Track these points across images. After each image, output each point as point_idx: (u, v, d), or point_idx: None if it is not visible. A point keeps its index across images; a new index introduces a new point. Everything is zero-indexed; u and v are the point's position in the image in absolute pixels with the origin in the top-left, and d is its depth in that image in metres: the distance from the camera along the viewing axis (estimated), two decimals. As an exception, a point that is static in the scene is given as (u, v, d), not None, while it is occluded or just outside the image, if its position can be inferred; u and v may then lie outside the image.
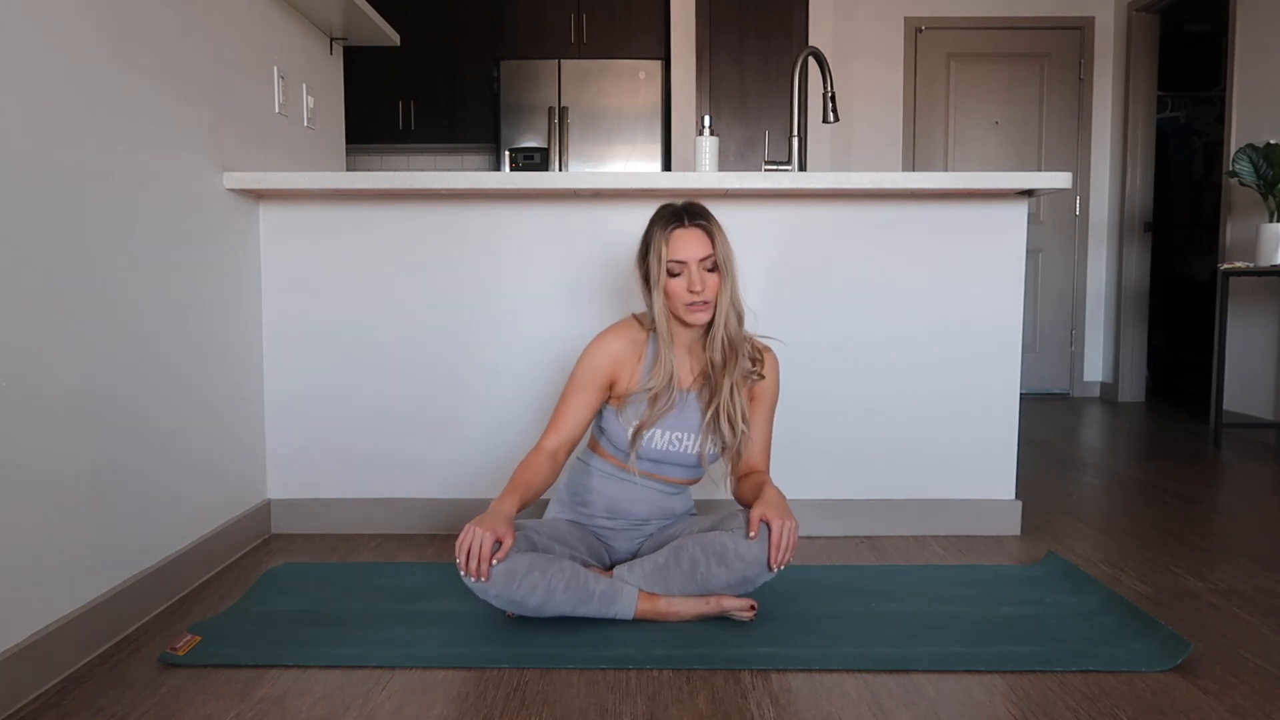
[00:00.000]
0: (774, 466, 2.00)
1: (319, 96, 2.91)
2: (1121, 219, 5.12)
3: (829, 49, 4.76)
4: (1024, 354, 2.52)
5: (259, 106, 2.43)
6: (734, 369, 1.84)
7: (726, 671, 1.56)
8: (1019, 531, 2.44)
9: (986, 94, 5.17)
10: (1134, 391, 5.14)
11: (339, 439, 2.43)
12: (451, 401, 2.43)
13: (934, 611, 1.85)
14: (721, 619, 1.76)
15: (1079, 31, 5.14)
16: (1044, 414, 4.60)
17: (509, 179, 2.29)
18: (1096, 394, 5.31)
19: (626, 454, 1.86)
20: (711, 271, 1.80)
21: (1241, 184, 3.80)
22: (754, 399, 1.93)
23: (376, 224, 2.40)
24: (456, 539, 1.62)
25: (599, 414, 1.91)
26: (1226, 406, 4.05)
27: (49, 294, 1.55)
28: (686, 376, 1.89)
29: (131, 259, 1.80)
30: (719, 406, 1.83)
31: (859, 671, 1.57)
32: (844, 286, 2.40)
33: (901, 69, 5.14)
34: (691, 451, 1.87)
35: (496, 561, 1.62)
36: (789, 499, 1.83)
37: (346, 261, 2.40)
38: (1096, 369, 5.31)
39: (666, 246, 1.80)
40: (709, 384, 1.86)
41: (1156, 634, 1.69)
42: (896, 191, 2.35)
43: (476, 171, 3.43)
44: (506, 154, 4.96)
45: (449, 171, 3.30)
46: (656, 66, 4.93)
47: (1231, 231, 4.26)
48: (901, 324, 2.41)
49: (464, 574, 1.63)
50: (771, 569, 1.72)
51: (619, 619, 1.73)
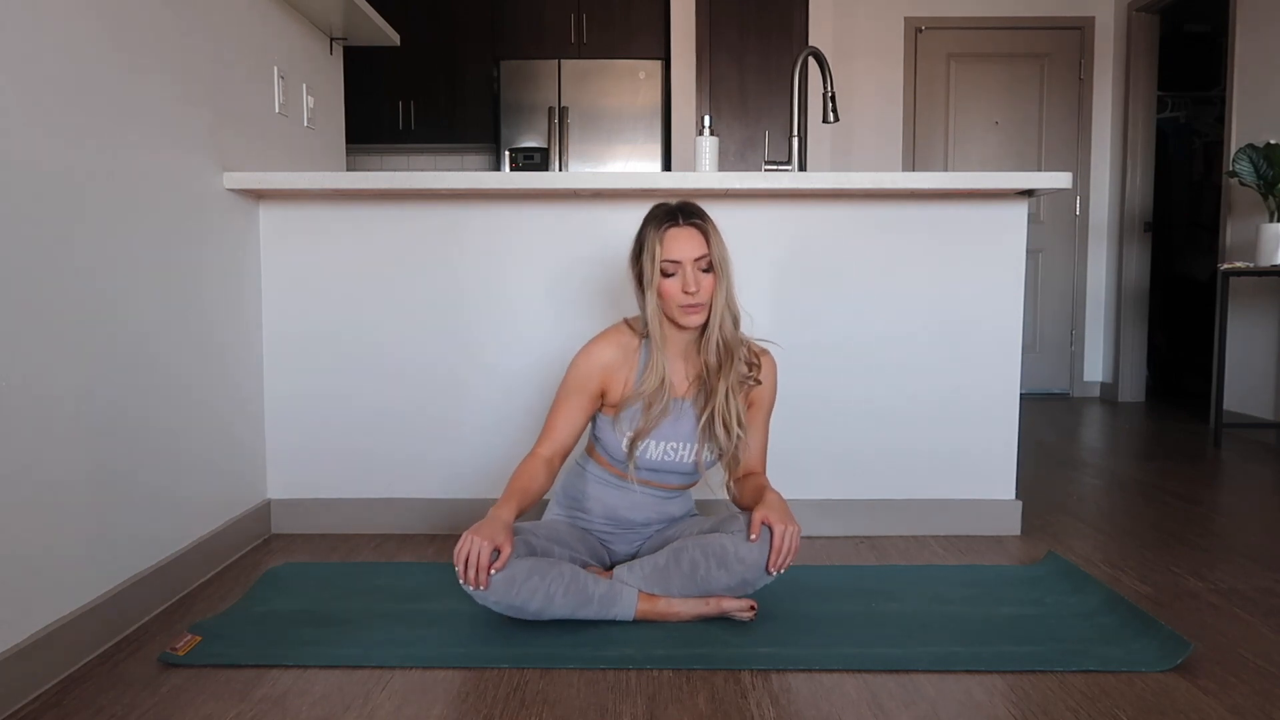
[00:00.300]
0: (774, 466, 2.00)
1: (319, 96, 2.91)
2: (1121, 219, 5.12)
3: (829, 49, 4.76)
4: (1024, 354, 2.52)
5: (259, 106, 2.43)
6: (729, 372, 1.81)
7: (726, 671, 1.56)
8: (1019, 531, 2.44)
9: (986, 94, 5.17)
10: (1134, 391, 5.14)
11: (339, 439, 2.43)
12: (451, 401, 2.43)
13: (934, 611, 1.85)
14: (721, 619, 1.76)
15: (1079, 31, 5.14)
16: (1044, 414, 4.60)
17: (509, 179, 2.29)
18: (1096, 394, 5.31)
19: (623, 464, 1.84)
20: (706, 272, 1.77)
21: (1241, 184, 3.80)
22: (751, 404, 1.90)
23: (376, 224, 2.40)
24: (455, 546, 1.62)
25: (594, 423, 1.90)
26: (1226, 406, 4.05)
27: (48, 294, 1.55)
28: (681, 383, 1.86)
29: (131, 259, 1.80)
30: (714, 411, 1.80)
31: (859, 671, 1.57)
32: (844, 286, 2.40)
33: (901, 69, 5.14)
34: (688, 460, 1.85)
35: (495, 571, 1.62)
36: (789, 499, 1.83)
37: (346, 261, 2.40)
38: (1096, 369, 5.31)
39: (660, 246, 1.76)
40: (704, 389, 1.84)
41: (1156, 634, 1.69)
42: (897, 191, 2.35)
43: (476, 171, 3.43)
44: (506, 154, 4.96)
45: (449, 171, 3.30)
46: (656, 66, 4.93)
47: (1231, 231, 4.26)
48: (902, 324, 2.41)
49: (463, 582, 1.62)
50: (770, 573, 1.72)
51: (619, 620, 1.73)
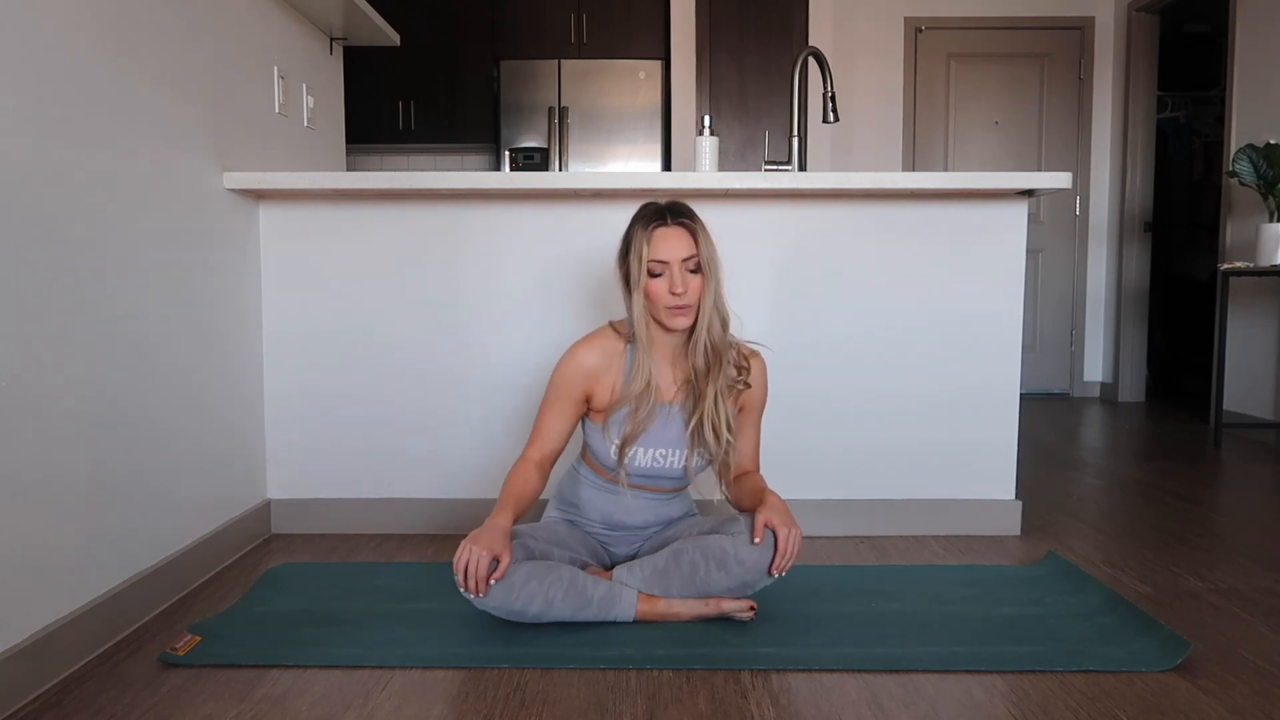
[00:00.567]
0: (774, 466, 2.00)
1: (319, 96, 2.91)
2: (1121, 219, 5.12)
3: (829, 49, 4.76)
4: (1024, 354, 2.52)
5: (259, 106, 2.43)
6: (718, 376, 1.78)
7: (726, 671, 1.56)
8: (1019, 531, 2.44)
9: (986, 94, 5.17)
10: (1134, 391, 5.14)
11: (339, 439, 2.43)
12: (451, 401, 2.43)
13: (934, 611, 1.85)
14: (721, 619, 1.76)
15: (1079, 31, 5.14)
16: (1044, 414, 4.60)
17: (509, 179, 2.29)
18: (1096, 394, 5.31)
19: (615, 470, 1.83)
20: (695, 273, 1.73)
21: (1241, 184, 3.80)
22: (742, 408, 1.88)
23: (376, 224, 2.40)
24: (454, 555, 1.61)
25: (584, 429, 1.89)
26: (1226, 406, 4.05)
27: (46, 295, 1.55)
28: (669, 388, 1.83)
29: (131, 260, 1.80)
30: (703, 416, 1.78)
31: (859, 671, 1.57)
32: (844, 287, 2.40)
33: (901, 69, 5.14)
34: (678, 466, 1.84)
35: (495, 580, 1.62)
36: (789, 499, 1.83)
37: (347, 261, 2.40)
38: (1096, 369, 5.31)
39: (648, 245, 1.73)
40: (692, 393, 1.81)
41: (1156, 634, 1.69)
42: (896, 191, 2.35)
43: (476, 171, 3.43)
44: (506, 154, 4.96)
45: (449, 171, 3.30)
46: (656, 66, 4.93)
47: (1231, 231, 4.26)
48: (901, 324, 2.41)
49: (463, 591, 1.62)
50: (773, 575, 1.72)
51: (619, 622, 1.73)
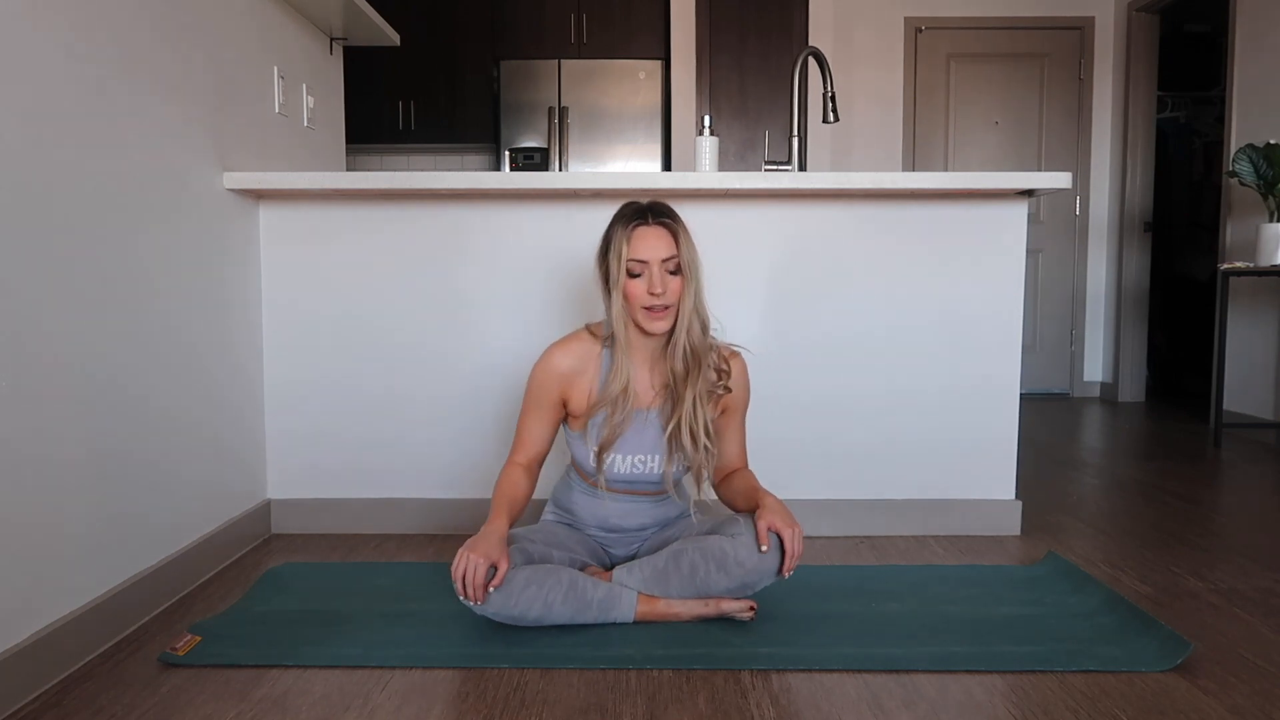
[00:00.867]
0: (776, 466, 2.00)
1: (319, 96, 2.91)
2: (1121, 219, 5.12)
3: (829, 49, 4.76)
4: (1024, 354, 2.52)
5: (259, 106, 2.43)
6: (697, 380, 1.76)
7: (726, 671, 1.56)
8: (1019, 531, 2.44)
9: (986, 94, 5.17)
10: (1134, 391, 5.14)
11: (339, 439, 2.43)
12: (452, 402, 2.43)
13: (934, 611, 1.85)
14: (721, 619, 1.76)
15: (1079, 31, 5.14)
16: (1044, 414, 4.60)
17: (509, 179, 2.29)
18: (1096, 394, 5.31)
19: (596, 476, 1.83)
20: (674, 274, 1.72)
21: (1241, 184, 3.80)
22: (725, 410, 1.87)
23: (377, 224, 2.40)
24: (452, 564, 1.61)
25: (565, 435, 1.88)
26: (1226, 406, 4.05)
27: (45, 295, 1.55)
28: (646, 392, 1.81)
29: (130, 261, 1.80)
30: (680, 421, 1.75)
31: (859, 671, 1.57)
32: (844, 287, 2.40)
33: (901, 69, 5.14)
34: (657, 472, 1.82)
35: (493, 588, 1.61)
36: (789, 499, 1.83)
37: (347, 262, 2.40)
38: (1096, 369, 5.31)
39: (627, 245, 1.71)
40: (671, 398, 1.79)
41: (1156, 634, 1.69)
42: (896, 191, 2.35)
43: (476, 171, 3.43)
44: (506, 154, 4.96)
45: (449, 171, 3.30)
46: (656, 66, 4.93)
47: (1231, 231, 4.26)
48: (901, 324, 2.41)
49: (461, 598, 1.62)
50: (783, 576, 1.71)
51: (619, 623, 1.73)
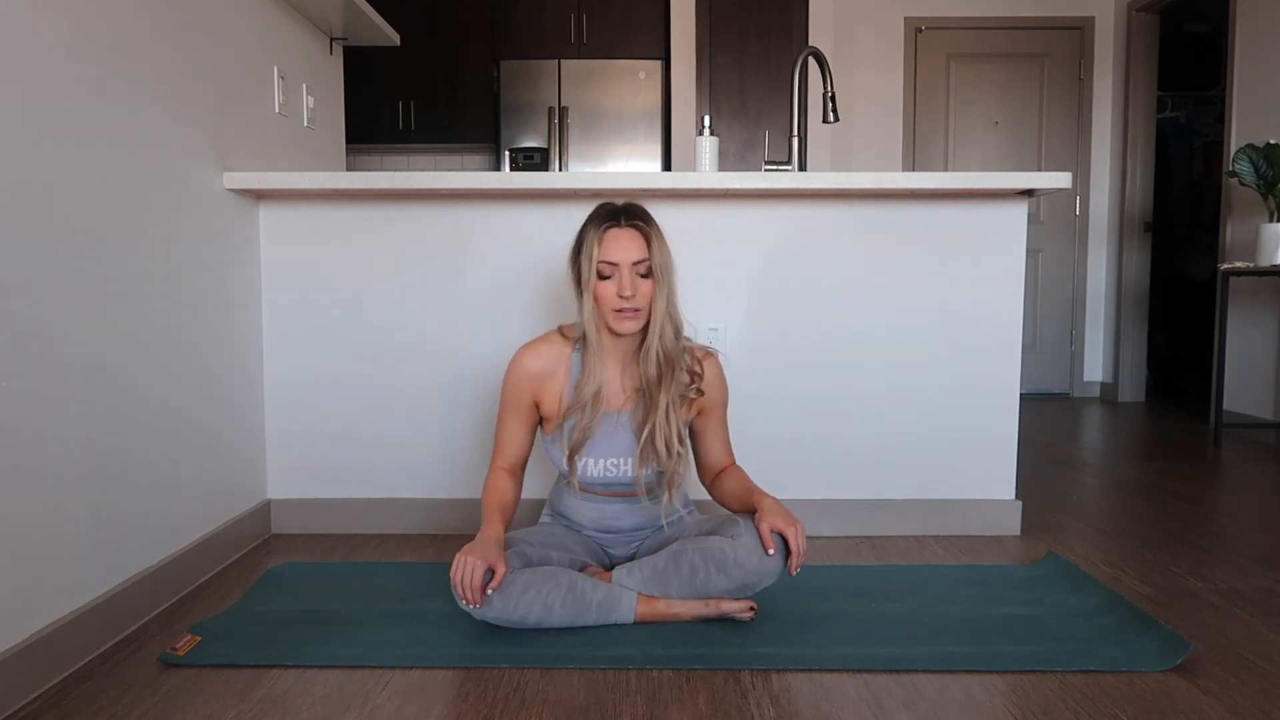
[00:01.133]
0: (776, 466, 2.00)
1: (319, 96, 2.91)
2: (1121, 219, 5.12)
3: (829, 49, 4.76)
4: (1024, 354, 2.52)
5: (259, 106, 2.43)
6: (670, 385, 1.74)
7: (726, 671, 1.56)
8: (1019, 531, 2.44)
9: (986, 94, 5.17)
10: (1134, 391, 5.14)
11: (339, 439, 2.43)
12: (452, 402, 2.43)
13: (934, 611, 1.85)
14: (721, 619, 1.76)
15: (1079, 31, 5.14)
16: (1044, 414, 4.60)
17: (509, 179, 2.29)
18: (1096, 394, 5.31)
19: (569, 479, 1.82)
20: (645, 277, 1.71)
21: (1241, 184, 3.80)
22: (702, 411, 1.86)
23: (376, 224, 2.40)
24: (450, 569, 1.61)
25: (542, 440, 1.87)
26: (1226, 406, 4.05)
27: (43, 295, 1.55)
28: (617, 395, 1.80)
29: (131, 261, 1.80)
30: (654, 428, 1.73)
31: (859, 671, 1.57)
32: (844, 287, 2.40)
33: (901, 69, 5.14)
34: (630, 475, 1.80)
35: (492, 590, 1.61)
36: (789, 499, 1.83)
37: (347, 262, 2.40)
38: (1096, 369, 5.31)
39: (598, 246, 1.71)
40: (643, 402, 1.78)
41: (1156, 634, 1.69)
42: (896, 191, 2.35)
43: (476, 171, 3.43)
44: (506, 154, 4.96)
45: (449, 171, 3.30)
46: (656, 66, 4.93)
47: (1231, 231, 4.26)
48: (901, 324, 2.41)
49: (461, 603, 1.62)
50: (792, 573, 1.71)
51: (619, 624, 1.73)
